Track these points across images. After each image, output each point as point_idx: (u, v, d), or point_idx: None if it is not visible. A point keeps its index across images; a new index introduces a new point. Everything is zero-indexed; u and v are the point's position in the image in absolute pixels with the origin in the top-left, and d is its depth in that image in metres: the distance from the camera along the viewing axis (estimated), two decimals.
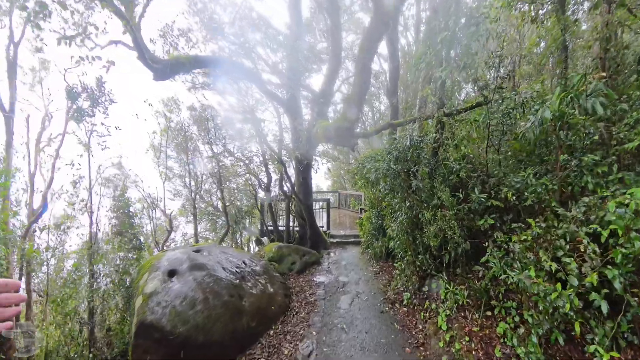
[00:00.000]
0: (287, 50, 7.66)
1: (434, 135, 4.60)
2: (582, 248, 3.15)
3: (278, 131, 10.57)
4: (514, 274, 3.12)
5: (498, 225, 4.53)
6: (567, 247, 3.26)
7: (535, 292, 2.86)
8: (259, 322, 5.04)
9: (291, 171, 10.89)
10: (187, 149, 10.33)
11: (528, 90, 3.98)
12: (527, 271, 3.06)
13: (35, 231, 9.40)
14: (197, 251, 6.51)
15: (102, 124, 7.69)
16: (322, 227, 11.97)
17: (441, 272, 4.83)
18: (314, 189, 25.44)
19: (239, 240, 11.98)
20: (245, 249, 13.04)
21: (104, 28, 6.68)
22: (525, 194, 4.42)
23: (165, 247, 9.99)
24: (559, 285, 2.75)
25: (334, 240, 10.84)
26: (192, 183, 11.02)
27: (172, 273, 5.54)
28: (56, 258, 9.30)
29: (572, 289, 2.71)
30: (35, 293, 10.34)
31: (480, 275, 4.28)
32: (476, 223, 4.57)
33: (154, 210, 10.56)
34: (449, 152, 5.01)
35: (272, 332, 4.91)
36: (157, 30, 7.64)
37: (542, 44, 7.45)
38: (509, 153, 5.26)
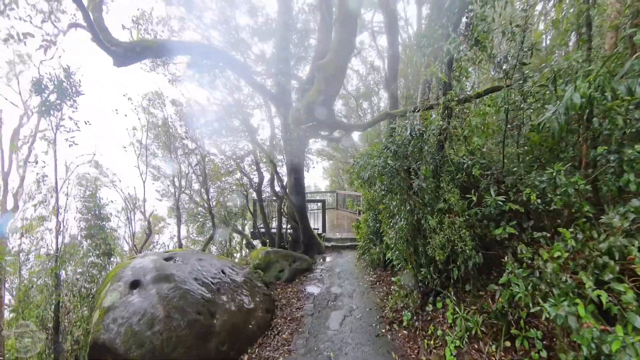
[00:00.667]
0: (276, 35, 6.90)
1: (440, 124, 3.83)
2: (638, 270, 2.38)
3: (269, 127, 9.82)
4: (549, 305, 2.34)
5: (516, 234, 3.77)
6: (616, 267, 2.49)
7: (581, 334, 2.09)
8: (231, 345, 4.28)
9: (283, 170, 10.16)
10: (170, 146, 9.59)
11: (562, 60, 3.19)
12: (566, 303, 2.28)
13: (7, 234, 8.70)
14: (169, 258, 5.78)
15: (70, 118, 6.94)
16: (317, 229, 11.22)
17: (448, 289, 4.06)
18: (312, 188, 24.63)
19: (230, 243, 11.25)
20: (238, 254, 12.31)
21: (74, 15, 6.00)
22: (550, 196, 3.66)
23: (142, 252, 9.26)
24: (619, 328, 1.97)
25: (329, 244, 10.08)
26: (176, 182, 10.29)
27: (134, 284, 4.81)
28: (29, 263, 8.60)
29: (636, 335, 1.93)
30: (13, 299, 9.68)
31: (496, 296, 3.51)
32: (491, 231, 3.81)
33: (133, 212, 9.82)
34: (457, 146, 4.24)
35: (246, 357, 4.16)
36: (131, 18, 6.93)
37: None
38: (526, 147, 4.48)
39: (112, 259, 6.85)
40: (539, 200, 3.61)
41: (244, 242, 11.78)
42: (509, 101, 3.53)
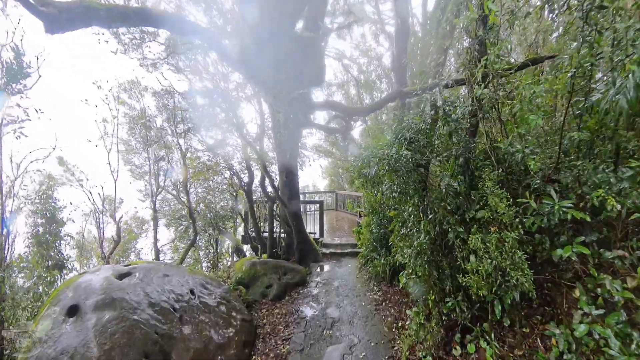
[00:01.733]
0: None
1: (483, 94, 2.72)
2: None
3: (260, 123, 8.73)
4: None
5: (586, 253, 2.68)
6: None
7: None
8: None
9: (276, 169, 9.08)
10: (147, 140, 8.51)
11: None
12: None
13: None
14: (126, 275, 4.71)
15: (18, 105, 5.87)
16: (314, 233, 10.12)
17: (481, 324, 2.97)
18: (310, 188, 23.43)
19: (216, 249, 10.14)
20: (227, 260, 11.21)
21: None
22: (633, 201, 2.59)
23: (110, 261, 8.17)
24: None
25: (327, 251, 8.98)
26: (152, 181, 9.21)
27: (72, 311, 3.76)
28: None
29: None
30: None
31: (553, 340, 2.43)
32: (545, 250, 2.71)
33: (102, 215, 8.73)
34: (495, 129, 3.15)
35: None
36: None
37: None
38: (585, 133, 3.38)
39: (65, 273, 5.74)
40: (617, 207, 2.53)
41: (235, 247, 10.68)
42: (583, 61, 2.42)
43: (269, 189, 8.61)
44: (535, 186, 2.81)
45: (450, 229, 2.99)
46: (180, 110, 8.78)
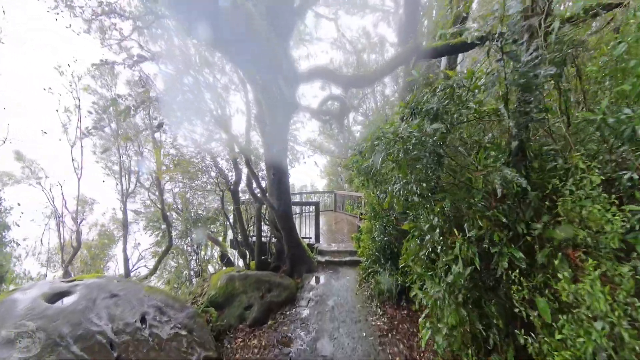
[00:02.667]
0: None
1: (551, 45, 1.64)
2: None
3: (245, 110, 7.62)
4: None
5: None
6: None
7: None
8: None
9: (265, 167, 7.99)
10: (119, 134, 7.43)
11: None
12: None
13: None
14: (64, 294, 3.69)
15: None
16: (309, 238, 9.05)
17: None
18: (309, 188, 22.28)
19: (198, 255, 9.07)
20: (212, 267, 10.12)
21: None
22: None
23: (69, 270, 7.10)
24: None
25: (323, 259, 7.89)
26: (124, 182, 8.13)
27: None
28: None
29: None
30: None
31: None
32: None
33: (61, 218, 7.67)
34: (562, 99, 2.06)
35: None
36: None
37: None
38: None
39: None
40: None
41: (221, 253, 9.58)
42: None
43: (257, 190, 7.53)
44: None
45: (497, 252, 1.89)
46: (156, 100, 7.72)
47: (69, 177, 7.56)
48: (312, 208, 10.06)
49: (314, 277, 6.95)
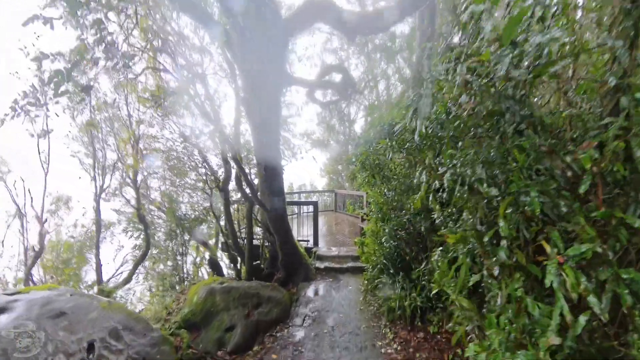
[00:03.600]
0: None
1: None
2: None
3: (234, 97, 6.75)
4: None
5: None
6: None
7: None
8: None
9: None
10: (94, 121, 6.57)
11: None
12: None
13: None
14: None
15: None
16: (307, 241, 8.19)
17: None
18: (308, 187, 21.33)
19: (183, 260, 8.20)
20: (205, 272, 9.25)
21: None
22: None
23: (29, 278, 6.24)
24: None
25: (322, 265, 7.02)
26: (97, 176, 7.26)
27: None
28: None
29: None
30: None
31: None
32: None
33: (24, 218, 6.81)
34: None
35: None
36: None
37: None
38: None
39: None
40: None
41: (209, 258, 8.71)
42: None
43: (247, 190, 6.67)
44: None
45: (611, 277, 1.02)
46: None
47: (39, 172, 6.76)
48: (311, 208, 9.21)
49: (311, 287, 6.10)
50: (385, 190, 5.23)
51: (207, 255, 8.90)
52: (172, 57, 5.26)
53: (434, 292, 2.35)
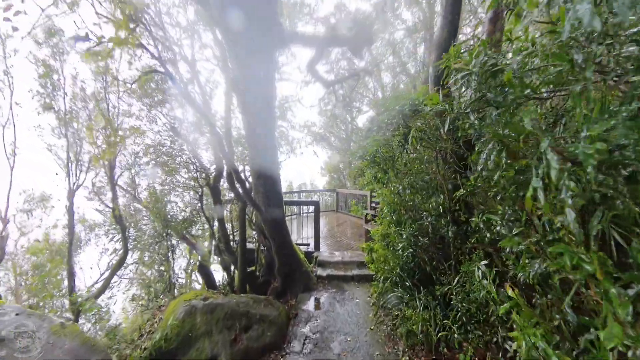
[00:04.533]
0: None
1: None
2: None
3: (224, 83, 5.95)
4: None
5: None
6: None
7: None
8: None
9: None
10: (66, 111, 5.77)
11: None
12: None
13: None
14: None
15: None
16: (308, 245, 7.42)
17: None
18: (308, 186, 20.44)
19: (172, 268, 7.41)
20: (192, 278, 8.46)
21: None
22: None
23: None
24: None
25: (325, 273, 6.24)
26: (73, 171, 6.45)
27: None
28: None
29: None
30: None
31: None
32: None
33: None
34: None
35: None
36: None
37: None
38: None
39: None
40: None
41: (199, 264, 7.91)
42: None
43: (240, 190, 5.87)
44: None
45: None
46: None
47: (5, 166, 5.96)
48: (312, 208, 8.42)
49: (312, 299, 5.32)
50: (399, 189, 4.46)
51: (200, 259, 8.11)
52: (150, 32, 4.46)
53: (514, 348, 1.56)
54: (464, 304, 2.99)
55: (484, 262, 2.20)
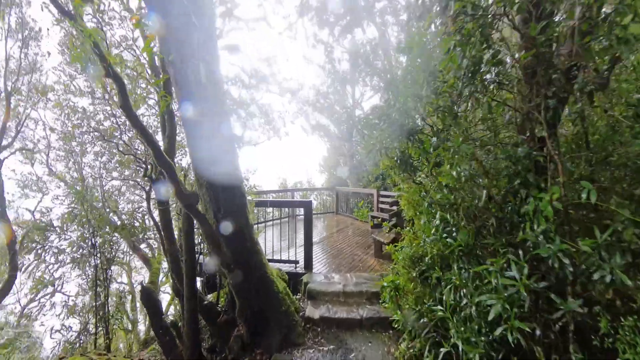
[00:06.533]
0: None
1: None
2: None
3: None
4: None
5: None
6: None
7: None
8: None
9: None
10: None
11: None
12: None
13: None
14: None
15: None
16: (295, 263, 5.17)
17: None
18: (305, 184, 17.62)
19: (107, 295, 5.18)
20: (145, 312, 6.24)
21: None
22: None
23: None
24: None
25: (317, 314, 4.00)
26: None
27: None
28: None
29: None
30: None
31: None
32: None
33: None
34: None
35: None
36: None
37: None
38: None
39: None
40: None
41: (144, 290, 5.70)
42: None
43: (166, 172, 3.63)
44: None
45: None
46: None
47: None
48: (302, 211, 6.21)
49: None
50: (435, 184, 2.30)
51: (143, 282, 5.93)
52: None
53: None
54: None
55: None
